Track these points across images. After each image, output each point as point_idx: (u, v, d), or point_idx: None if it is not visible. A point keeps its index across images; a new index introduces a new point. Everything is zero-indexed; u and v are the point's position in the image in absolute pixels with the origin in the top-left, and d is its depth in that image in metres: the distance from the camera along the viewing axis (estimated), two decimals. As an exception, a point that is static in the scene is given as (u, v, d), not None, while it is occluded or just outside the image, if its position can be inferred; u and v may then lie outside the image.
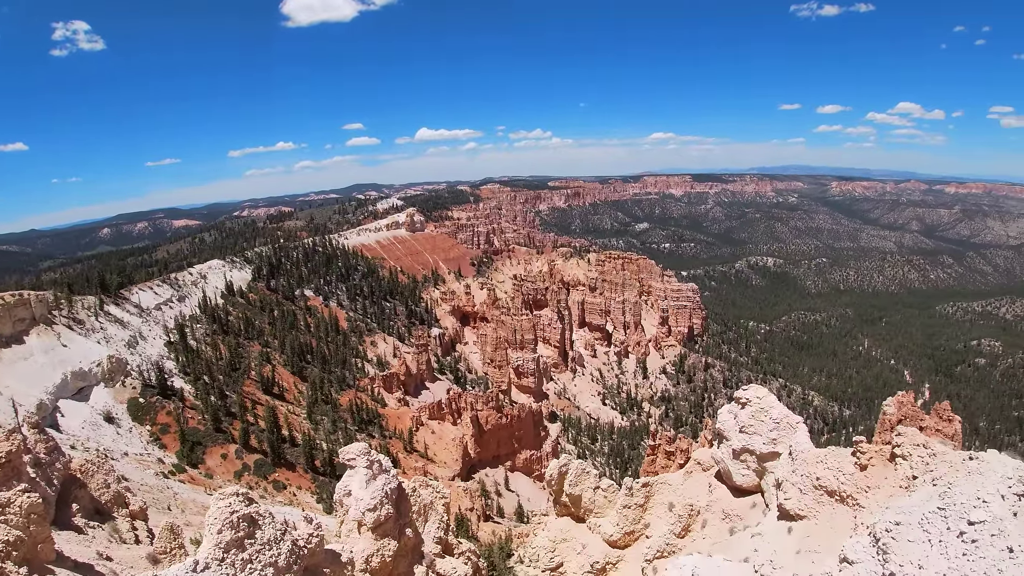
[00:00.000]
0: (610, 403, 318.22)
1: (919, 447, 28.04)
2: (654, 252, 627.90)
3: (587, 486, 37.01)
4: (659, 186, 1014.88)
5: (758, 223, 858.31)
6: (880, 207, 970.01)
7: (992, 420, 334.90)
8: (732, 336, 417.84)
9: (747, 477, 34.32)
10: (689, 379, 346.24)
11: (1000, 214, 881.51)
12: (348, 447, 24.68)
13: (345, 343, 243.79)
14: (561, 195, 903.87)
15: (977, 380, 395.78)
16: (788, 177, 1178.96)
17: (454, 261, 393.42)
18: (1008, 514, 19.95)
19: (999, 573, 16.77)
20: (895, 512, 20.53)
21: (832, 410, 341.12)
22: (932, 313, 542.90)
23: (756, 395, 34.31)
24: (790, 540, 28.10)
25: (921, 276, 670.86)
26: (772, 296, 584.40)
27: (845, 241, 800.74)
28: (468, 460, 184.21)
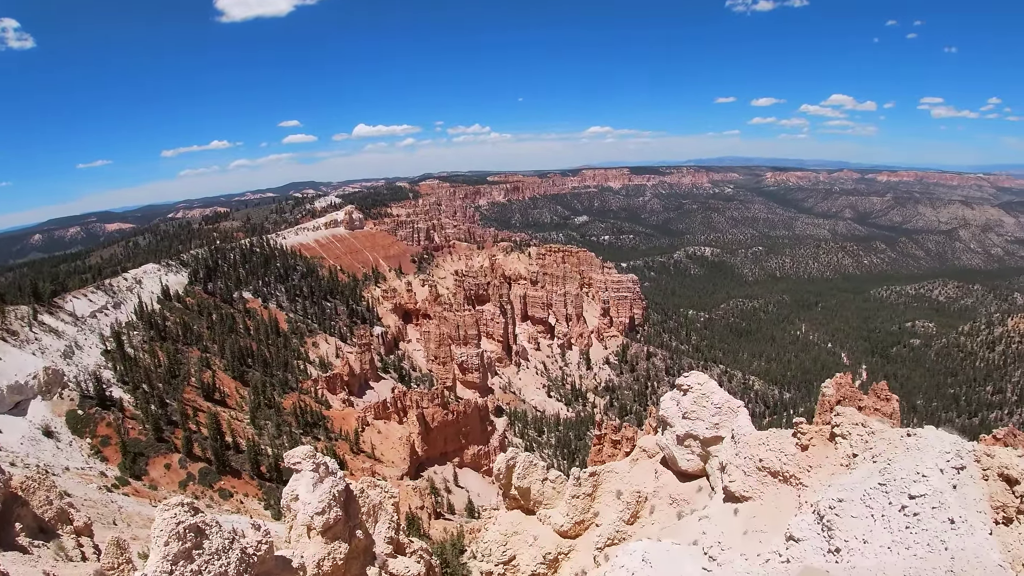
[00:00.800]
0: (555, 395, 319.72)
1: (858, 426, 28.69)
2: (594, 244, 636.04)
3: (535, 478, 37.12)
4: (598, 179, 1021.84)
5: (695, 214, 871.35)
6: (814, 196, 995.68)
7: (929, 398, 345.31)
8: (673, 325, 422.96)
9: (692, 462, 34.76)
10: (632, 368, 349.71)
11: (931, 201, 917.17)
12: (293, 451, 24.38)
13: (286, 345, 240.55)
14: (501, 190, 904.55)
15: (913, 360, 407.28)
16: (724, 168, 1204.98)
17: (394, 258, 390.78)
18: (948, 487, 20.50)
19: (942, 544, 17.27)
20: (837, 489, 20.99)
21: (772, 393, 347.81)
22: (867, 297, 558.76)
23: (697, 381, 34.75)
24: (737, 521, 28.50)
25: (855, 262, 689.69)
26: (711, 285, 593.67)
27: (780, 230, 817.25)
28: (416, 458, 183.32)
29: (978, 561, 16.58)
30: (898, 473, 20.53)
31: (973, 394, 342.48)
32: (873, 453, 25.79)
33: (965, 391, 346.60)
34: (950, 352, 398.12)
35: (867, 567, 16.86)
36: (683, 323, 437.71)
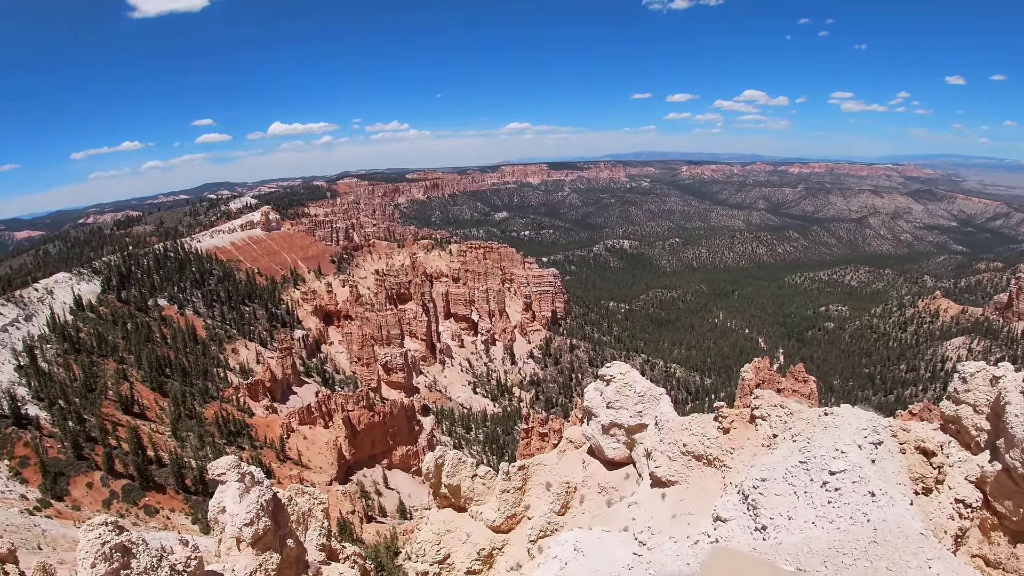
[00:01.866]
0: (481, 391, 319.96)
1: (777, 407, 29.45)
2: (514, 240, 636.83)
3: (465, 475, 37.13)
4: (517, 175, 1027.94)
5: (613, 208, 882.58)
6: (728, 188, 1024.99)
7: (845, 378, 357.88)
8: (594, 317, 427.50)
9: (618, 450, 35.19)
10: (556, 361, 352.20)
11: (842, 190, 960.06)
12: (217, 461, 23.90)
13: (205, 353, 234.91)
14: (420, 187, 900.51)
15: (828, 342, 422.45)
16: (641, 163, 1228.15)
17: (313, 259, 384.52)
18: (867, 462, 21.21)
19: (864, 517, 17.82)
20: (760, 469, 21.48)
21: (694, 380, 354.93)
22: (781, 284, 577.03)
23: (619, 371, 35.18)
24: (665, 506, 28.98)
25: (769, 251, 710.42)
26: (630, 277, 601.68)
27: (696, 221, 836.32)
28: (344, 462, 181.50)
29: (900, 531, 17.11)
30: (818, 451, 21.11)
31: (888, 372, 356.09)
32: (793, 433, 26.47)
33: (880, 370, 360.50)
34: (864, 334, 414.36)
35: (793, 542, 17.26)
36: (604, 315, 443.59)
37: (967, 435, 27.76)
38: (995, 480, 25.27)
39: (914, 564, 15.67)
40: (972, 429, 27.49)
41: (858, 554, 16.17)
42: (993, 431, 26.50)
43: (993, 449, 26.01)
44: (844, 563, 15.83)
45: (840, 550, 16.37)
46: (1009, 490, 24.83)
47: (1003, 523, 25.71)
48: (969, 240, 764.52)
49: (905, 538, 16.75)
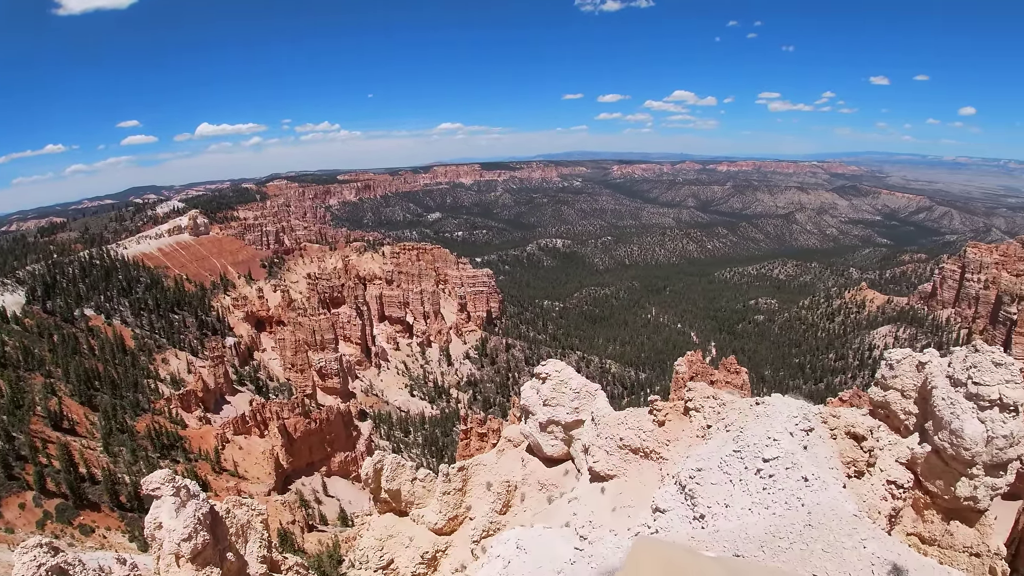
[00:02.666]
0: (418, 394, 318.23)
1: (709, 399, 30.06)
2: (448, 241, 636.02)
3: (405, 479, 37.03)
4: (449, 176, 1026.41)
5: (546, 207, 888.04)
6: (659, 187, 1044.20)
7: (776, 368, 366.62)
8: (529, 316, 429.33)
9: (556, 447, 35.47)
10: (492, 361, 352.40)
11: (769, 188, 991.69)
12: (150, 476, 23.54)
13: (134, 364, 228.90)
14: (352, 189, 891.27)
15: (758, 334, 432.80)
16: (572, 163, 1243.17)
17: (243, 264, 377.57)
18: (799, 448, 21.76)
19: (798, 501, 18.26)
20: (696, 460, 21.90)
21: (629, 375, 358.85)
22: (712, 279, 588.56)
23: (555, 369, 35.53)
24: (604, 499, 29.31)
25: (699, 247, 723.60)
26: (563, 275, 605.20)
27: (628, 219, 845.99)
28: (282, 472, 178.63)
29: (833, 513, 17.55)
30: (751, 439, 21.57)
31: (817, 362, 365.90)
32: (726, 423, 27.03)
33: (809, 359, 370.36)
34: (793, 325, 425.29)
35: (730, 529, 17.54)
36: (539, 314, 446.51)
37: (896, 419, 28.68)
38: (925, 461, 26.21)
39: (849, 545, 16.09)
40: (901, 413, 28.43)
41: (794, 538, 16.49)
42: (921, 414, 27.45)
43: (922, 432, 26.95)
44: (780, 547, 16.13)
45: (776, 535, 16.68)
46: (940, 470, 25.79)
47: (935, 502, 26.68)
48: (893, 233, 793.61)
49: (839, 520, 17.19)
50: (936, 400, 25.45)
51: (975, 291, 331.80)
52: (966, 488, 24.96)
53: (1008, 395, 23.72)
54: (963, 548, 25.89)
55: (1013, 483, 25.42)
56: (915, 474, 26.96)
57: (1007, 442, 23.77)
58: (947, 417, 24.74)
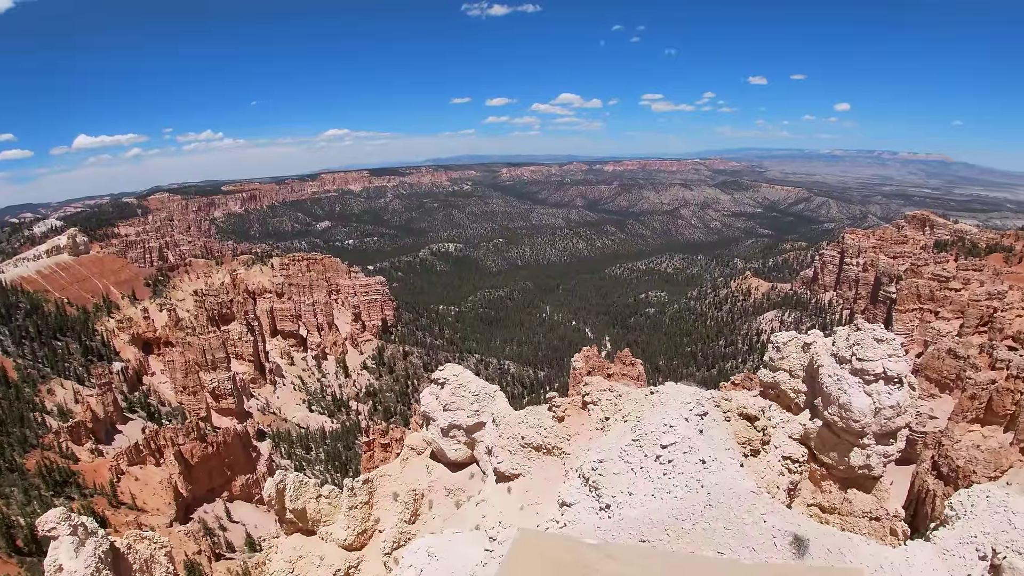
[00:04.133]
0: (317, 408, 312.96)
1: (606, 391, 30.54)
2: (339, 250, 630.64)
3: (309, 497, 36.34)
4: (338, 183, 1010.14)
5: (437, 212, 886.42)
6: (547, 188, 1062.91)
7: (669, 357, 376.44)
8: (425, 322, 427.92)
9: (460, 451, 35.46)
10: (391, 370, 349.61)
11: (654, 185, 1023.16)
12: (45, 516, 22.55)
13: (19, 396, 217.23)
14: (237, 199, 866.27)
15: (651, 326, 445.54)
16: (461, 166, 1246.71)
17: (127, 283, 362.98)
18: (695, 432, 22.22)
19: (698, 483, 18.63)
20: (597, 452, 22.11)
21: (528, 374, 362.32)
22: (603, 276, 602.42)
23: (453, 373, 35.56)
24: (512, 499, 29.37)
25: (589, 245, 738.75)
26: (457, 279, 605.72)
27: (518, 221, 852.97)
28: (182, 500, 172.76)
29: (732, 492, 17.97)
30: (648, 428, 21.88)
31: (708, 349, 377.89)
32: (623, 413, 27.52)
33: (701, 347, 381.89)
34: (683, 315, 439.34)
35: (634, 516, 17.72)
36: (435, 319, 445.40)
37: (787, 398, 29.74)
38: (818, 435, 27.30)
39: (749, 520, 16.47)
40: (791, 392, 29.53)
41: (696, 518, 16.78)
42: (810, 392, 28.57)
43: (812, 408, 28.08)
44: (684, 529, 16.37)
45: (679, 517, 16.94)
46: (832, 442, 26.92)
47: (832, 472, 27.79)
48: (774, 224, 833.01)
49: (738, 498, 17.60)
50: (823, 377, 26.49)
51: (855, 274, 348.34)
52: (859, 457, 26.08)
53: (891, 368, 24.81)
54: (863, 514, 26.99)
55: (904, 449, 26.66)
56: (809, 448, 28.02)
57: (894, 412, 24.97)
58: (835, 393, 25.80)
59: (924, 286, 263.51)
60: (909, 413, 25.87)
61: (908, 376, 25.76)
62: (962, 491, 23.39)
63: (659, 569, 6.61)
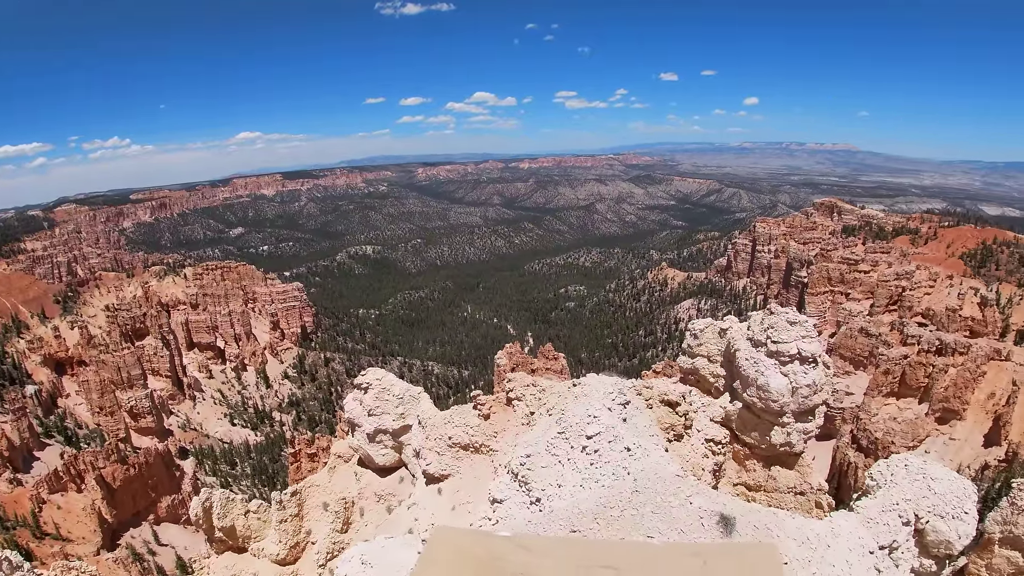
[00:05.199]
0: (239, 422, 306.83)
1: (529, 386, 30.81)
2: (253, 256, 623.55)
3: (237, 513, 35.69)
4: (250, 188, 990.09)
5: (353, 214, 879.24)
6: (464, 187, 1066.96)
7: (591, 350, 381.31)
8: (346, 327, 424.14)
9: (387, 456, 35.33)
10: (313, 378, 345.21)
11: (569, 181, 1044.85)
12: (-34, 556, 21.70)
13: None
14: (146, 208, 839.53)
15: (571, 320, 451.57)
16: (377, 167, 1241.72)
17: (35, 301, 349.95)
18: (618, 421, 22.53)
19: (624, 471, 18.92)
20: (524, 447, 22.25)
21: (452, 374, 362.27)
22: (522, 272, 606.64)
23: (376, 377, 35.48)
24: (443, 500, 29.44)
25: (507, 243, 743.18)
26: (376, 282, 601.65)
27: (436, 221, 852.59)
28: (107, 526, 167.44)
29: (657, 477, 18.30)
30: (573, 419, 22.12)
31: (629, 339, 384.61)
32: (548, 407, 27.80)
33: (622, 338, 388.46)
34: (602, 308, 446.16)
35: (563, 508, 17.89)
36: (356, 323, 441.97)
37: (706, 383, 30.48)
38: (739, 417, 28.06)
39: (675, 503, 16.81)
40: (710, 377, 30.29)
41: (624, 505, 17.01)
42: (729, 375, 29.34)
43: (732, 391, 28.84)
44: (612, 516, 16.59)
45: (607, 505, 17.15)
46: (753, 423, 27.70)
47: (754, 452, 28.59)
48: (688, 215, 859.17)
49: (663, 482, 17.94)
50: (741, 361, 27.20)
51: (767, 260, 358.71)
52: (780, 436, 26.88)
53: (805, 349, 25.64)
54: (787, 489, 27.88)
55: (824, 425, 27.65)
56: (731, 430, 28.77)
57: (811, 390, 25.86)
58: (753, 375, 26.52)
59: (834, 269, 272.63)
60: (825, 391, 26.83)
61: (822, 355, 26.70)
62: (881, 461, 24.31)
63: (570, 555, 6.71)
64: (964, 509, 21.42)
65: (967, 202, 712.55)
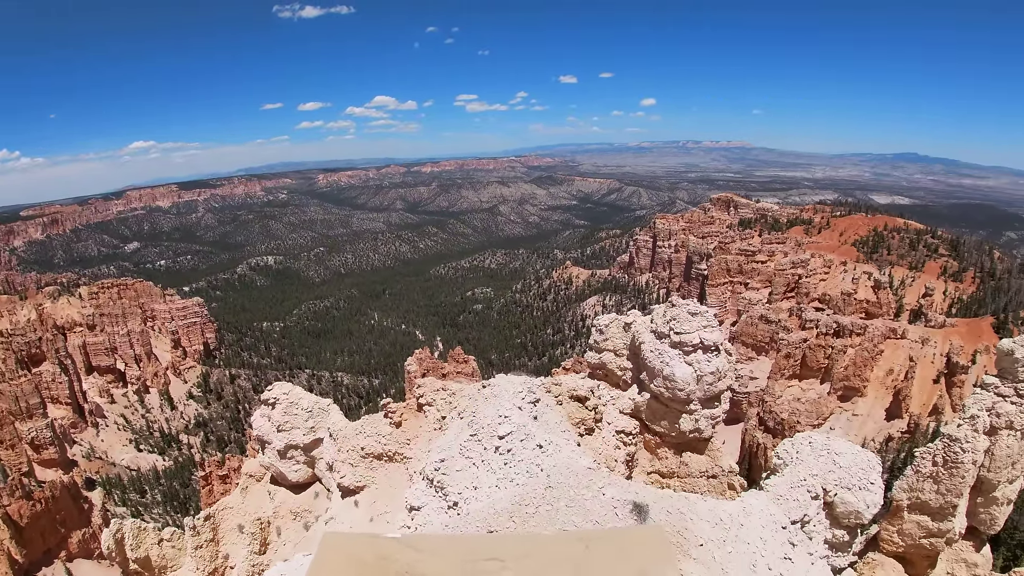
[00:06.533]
0: (146, 447, 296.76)
1: (439, 391, 31.01)
2: (151, 272, 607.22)
3: (150, 543, 34.68)
4: (145, 200, 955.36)
5: (252, 224, 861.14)
6: (366, 193, 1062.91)
7: (501, 351, 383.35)
8: (250, 341, 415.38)
9: (300, 471, 34.93)
10: (219, 396, 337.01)
11: (472, 184, 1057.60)
12: None
13: None
14: (38, 225, 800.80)
15: (479, 323, 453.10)
16: (276, 175, 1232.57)
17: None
18: (529, 419, 22.94)
19: (537, 467, 19.27)
20: (438, 452, 22.46)
21: (363, 383, 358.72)
22: (428, 277, 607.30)
23: (283, 392, 35.05)
24: (360, 512, 29.26)
25: (412, 248, 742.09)
26: (280, 293, 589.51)
27: (339, 228, 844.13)
28: (19, 568, 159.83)
29: (570, 471, 18.68)
30: (484, 421, 22.44)
31: (537, 339, 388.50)
32: (459, 411, 28.00)
33: (530, 337, 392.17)
34: (510, 309, 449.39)
35: (480, 509, 18.08)
36: (260, 337, 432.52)
37: (614, 376, 31.16)
38: (648, 407, 28.84)
39: (589, 496, 17.17)
40: (617, 370, 30.98)
41: (539, 502, 17.29)
42: (636, 368, 30.11)
43: (639, 383, 29.67)
44: (528, 513, 16.84)
45: (522, 503, 17.40)
46: (662, 412, 28.51)
47: (665, 440, 29.40)
48: (590, 214, 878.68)
49: (576, 476, 18.31)
50: (646, 353, 27.91)
51: (668, 255, 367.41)
52: (689, 423, 27.75)
53: (707, 338, 26.51)
54: (700, 474, 28.77)
55: (731, 410, 28.74)
56: (641, 420, 29.50)
57: (715, 377, 26.83)
58: (658, 366, 27.26)
59: (732, 261, 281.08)
60: (730, 377, 27.86)
61: (724, 343, 27.69)
62: (787, 440, 25.36)
63: (456, 552, 6.86)
64: (870, 480, 22.48)
65: (858, 192, 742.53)
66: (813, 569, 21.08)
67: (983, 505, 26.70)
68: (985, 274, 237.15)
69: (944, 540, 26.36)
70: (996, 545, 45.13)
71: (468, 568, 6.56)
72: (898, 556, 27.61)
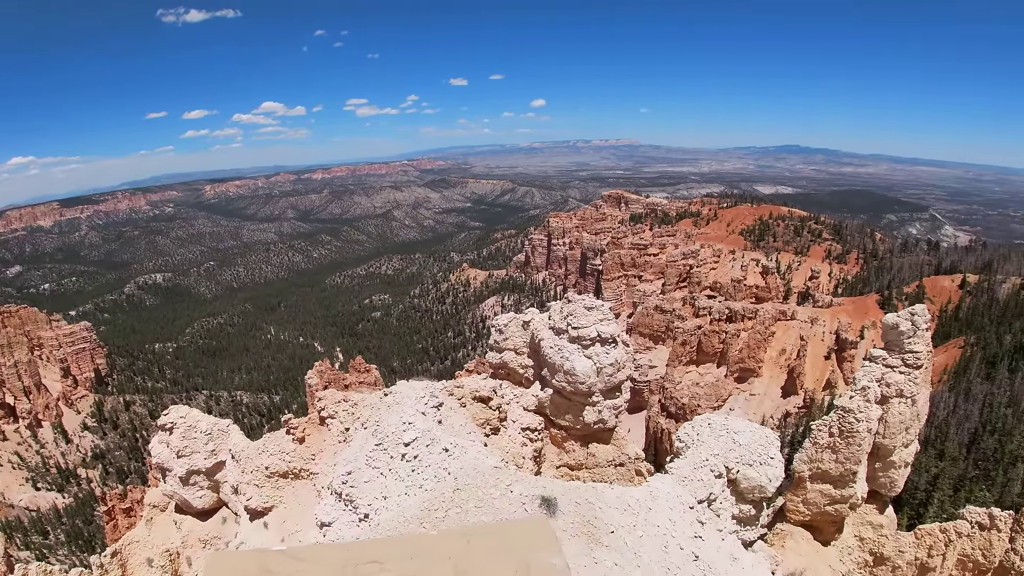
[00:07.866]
0: (43, 485, 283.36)
1: (341, 402, 30.81)
2: (35, 297, 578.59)
3: (57, 587, 33.35)
4: (26, 219, 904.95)
5: (139, 240, 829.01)
6: (256, 202, 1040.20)
7: (403, 357, 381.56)
8: (143, 365, 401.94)
9: (205, 497, 34.09)
10: (115, 425, 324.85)
11: (365, 190, 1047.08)
12: None
13: None
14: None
15: (379, 330, 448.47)
16: (161, 187, 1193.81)
17: None
18: (434, 424, 23.04)
19: (445, 471, 19.45)
20: (344, 464, 22.30)
21: (263, 401, 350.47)
22: (324, 287, 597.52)
23: (179, 416, 34.20)
24: (270, 534, 28.79)
25: (306, 257, 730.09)
26: (171, 312, 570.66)
27: (228, 241, 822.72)
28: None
29: (476, 472, 18.86)
30: (388, 429, 22.39)
31: (439, 342, 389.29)
32: (362, 421, 27.89)
33: (432, 342, 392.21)
34: (409, 314, 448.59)
35: (390, 518, 18.05)
36: (153, 360, 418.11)
37: (517, 375, 31.52)
38: (551, 402, 29.37)
39: (497, 494, 17.36)
40: (519, 368, 31.35)
41: (448, 505, 17.40)
42: (537, 365, 30.56)
43: (542, 379, 30.19)
44: (438, 517, 16.93)
45: (431, 508, 17.48)
46: (565, 406, 29.07)
47: (571, 433, 29.94)
48: (484, 216, 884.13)
49: (483, 476, 18.50)
50: (546, 349, 28.35)
51: (563, 253, 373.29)
52: (592, 415, 28.36)
53: (604, 331, 27.09)
54: (607, 463, 29.46)
55: (633, 399, 29.50)
56: (546, 416, 29.96)
57: (614, 368, 27.51)
58: (558, 362, 27.72)
59: (626, 255, 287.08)
60: (629, 367, 28.58)
61: (621, 335, 28.37)
62: (687, 423, 26.17)
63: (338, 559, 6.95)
64: (769, 455, 23.40)
65: (743, 184, 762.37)
66: (724, 544, 21.84)
67: (882, 470, 28.15)
68: (868, 255, 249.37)
69: (848, 505, 27.68)
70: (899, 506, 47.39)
71: (349, 572, 6.62)
72: (806, 524, 28.82)
